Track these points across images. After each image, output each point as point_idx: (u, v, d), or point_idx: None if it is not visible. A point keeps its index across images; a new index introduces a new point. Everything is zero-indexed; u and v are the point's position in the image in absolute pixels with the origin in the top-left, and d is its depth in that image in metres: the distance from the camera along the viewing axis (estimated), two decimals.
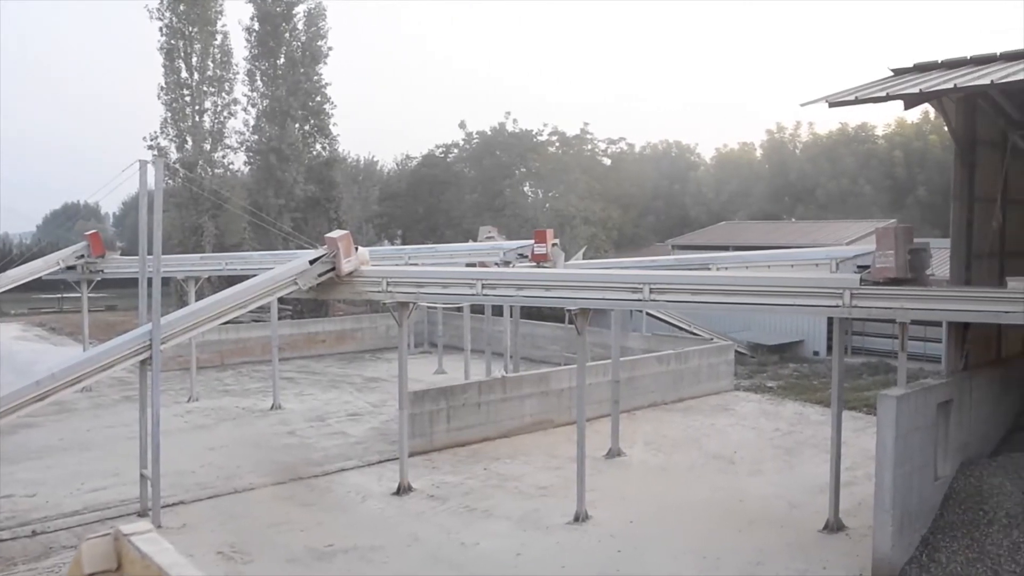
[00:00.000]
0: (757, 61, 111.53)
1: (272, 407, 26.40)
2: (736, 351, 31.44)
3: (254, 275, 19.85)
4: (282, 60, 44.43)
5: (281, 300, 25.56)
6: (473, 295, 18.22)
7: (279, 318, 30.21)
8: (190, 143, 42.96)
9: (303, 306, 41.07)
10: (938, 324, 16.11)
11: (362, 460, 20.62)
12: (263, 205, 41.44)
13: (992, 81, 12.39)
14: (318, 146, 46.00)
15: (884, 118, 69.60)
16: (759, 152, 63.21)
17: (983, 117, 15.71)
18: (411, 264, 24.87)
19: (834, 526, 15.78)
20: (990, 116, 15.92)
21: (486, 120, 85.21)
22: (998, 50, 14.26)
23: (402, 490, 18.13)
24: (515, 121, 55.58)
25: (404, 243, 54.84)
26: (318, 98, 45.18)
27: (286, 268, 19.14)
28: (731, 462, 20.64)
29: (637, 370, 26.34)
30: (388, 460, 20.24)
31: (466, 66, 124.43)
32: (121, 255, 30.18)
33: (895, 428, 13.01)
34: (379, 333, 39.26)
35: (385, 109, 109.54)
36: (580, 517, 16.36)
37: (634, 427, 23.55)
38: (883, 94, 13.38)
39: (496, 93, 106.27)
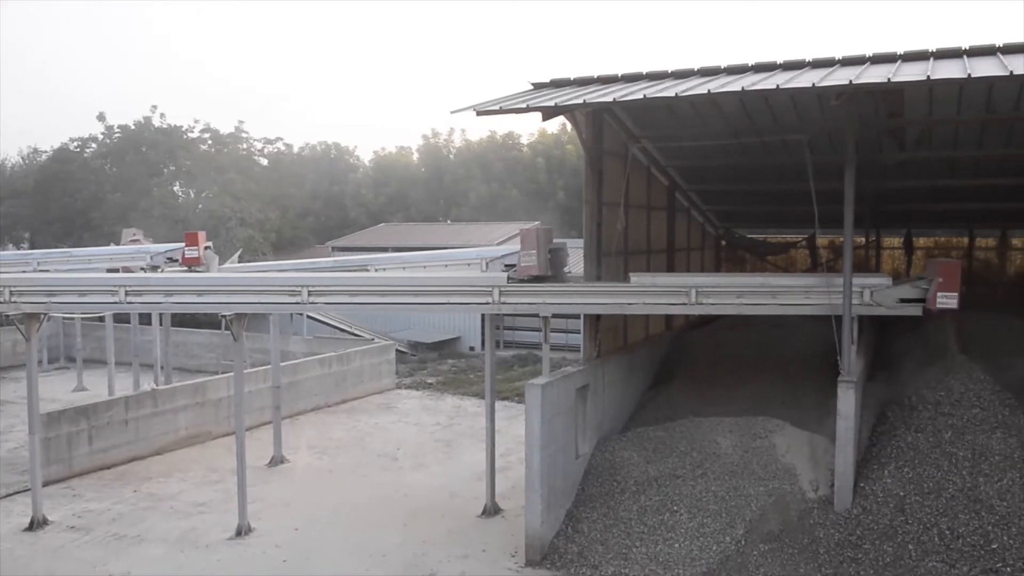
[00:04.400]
0: (415, 66, 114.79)
1: None
2: (397, 350, 32.29)
3: None
4: None
5: None
6: (116, 303, 16.82)
7: None
8: None
9: None
10: (577, 316, 17.68)
11: None
12: None
13: (615, 99, 13.87)
14: None
15: (528, 128, 75.14)
16: (416, 156, 65.23)
17: (609, 130, 17.55)
18: (41, 271, 22.56)
19: (491, 510, 16.78)
20: (614, 130, 17.86)
21: (129, 113, 78.67)
22: (619, 72, 16.07)
23: (36, 525, 16.24)
24: (163, 116, 51.91)
25: (32, 247, 49.31)
26: None
27: None
28: (395, 459, 21.10)
29: (299, 374, 26.00)
30: (18, 493, 18.11)
31: (105, 57, 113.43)
32: None
33: (541, 413, 14.16)
34: (3, 350, 34.69)
35: (5, 95, 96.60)
36: (243, 530, 15.78)
37: (298, 432, 23.25)
38: (524, 106, 14.44)
39: (142, 84, 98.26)
